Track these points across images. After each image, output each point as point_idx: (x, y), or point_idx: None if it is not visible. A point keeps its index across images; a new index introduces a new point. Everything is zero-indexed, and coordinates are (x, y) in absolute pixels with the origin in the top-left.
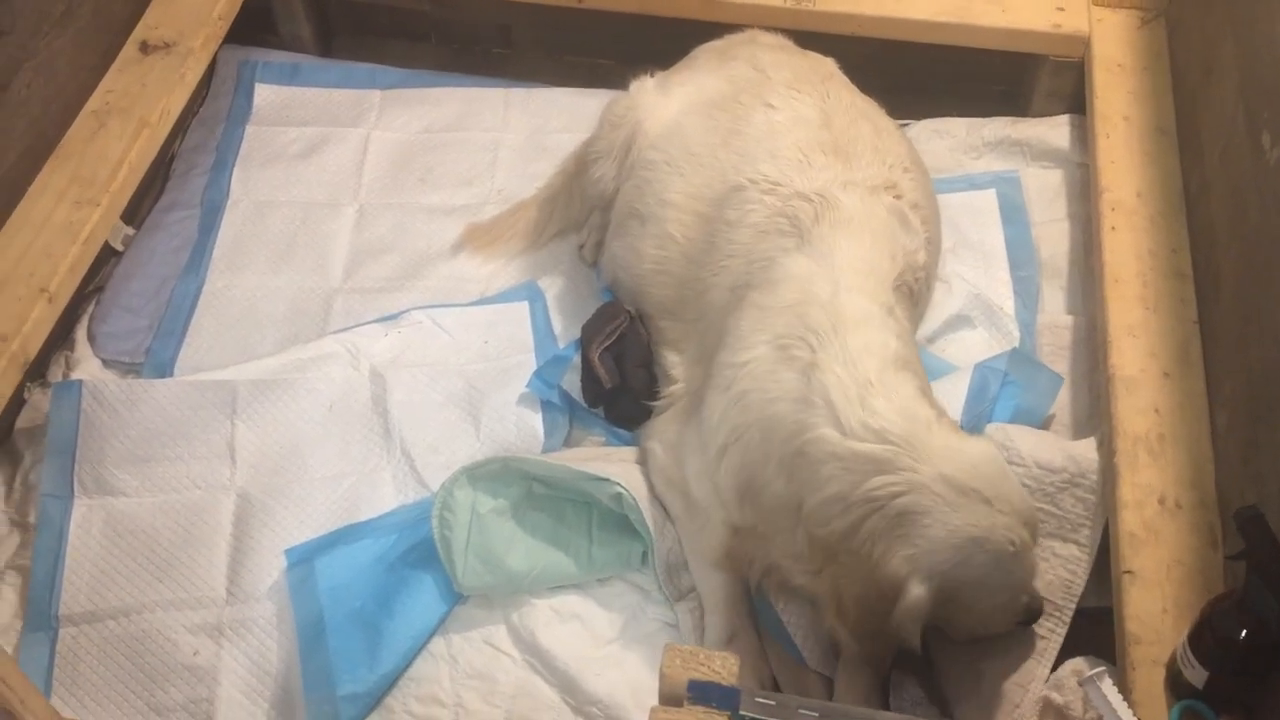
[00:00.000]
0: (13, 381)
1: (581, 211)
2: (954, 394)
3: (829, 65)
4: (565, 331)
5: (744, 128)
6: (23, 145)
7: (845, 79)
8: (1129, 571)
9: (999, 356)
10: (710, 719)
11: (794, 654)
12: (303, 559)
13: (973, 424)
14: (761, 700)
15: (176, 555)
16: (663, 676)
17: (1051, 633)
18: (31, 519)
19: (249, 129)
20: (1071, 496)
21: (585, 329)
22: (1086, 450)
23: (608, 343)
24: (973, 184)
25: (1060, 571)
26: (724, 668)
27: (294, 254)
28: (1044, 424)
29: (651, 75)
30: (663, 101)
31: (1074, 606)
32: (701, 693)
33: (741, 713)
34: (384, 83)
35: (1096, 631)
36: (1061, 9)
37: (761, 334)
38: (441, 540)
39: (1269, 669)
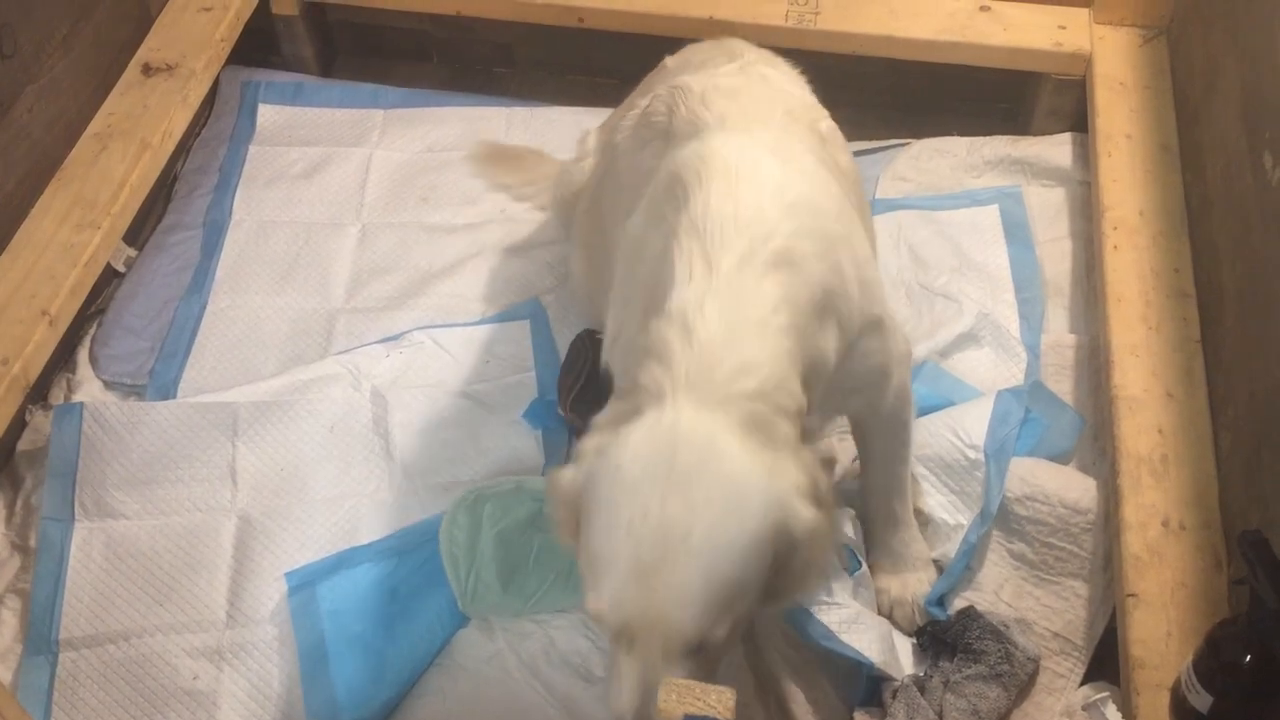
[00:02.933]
0: (14, 404)
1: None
2: (977, 418)
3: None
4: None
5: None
6: (25, 168)
7: (760, 54)
8: (1132, 594)
9: (1018, 391)
10: None
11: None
12: (303, 583)
13: (998, 448)
14: None
15: (177, 578)
16: (658, 711)
17: (1071, 671)
18: (32, 542)
19: (252, 149)
20: (1094, 539)
21: (559, 381)
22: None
23: (576, 389)
24: (975, 200)
25: (1080, 612)
26: (719, 702)
27: (296, 274)
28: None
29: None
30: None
31: (1093, 647)
32: None
33: None
34: (386, 102)
35: (1101, 655)
36: (1063, 27)
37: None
38: (449, 558)
39: (1274, 694)
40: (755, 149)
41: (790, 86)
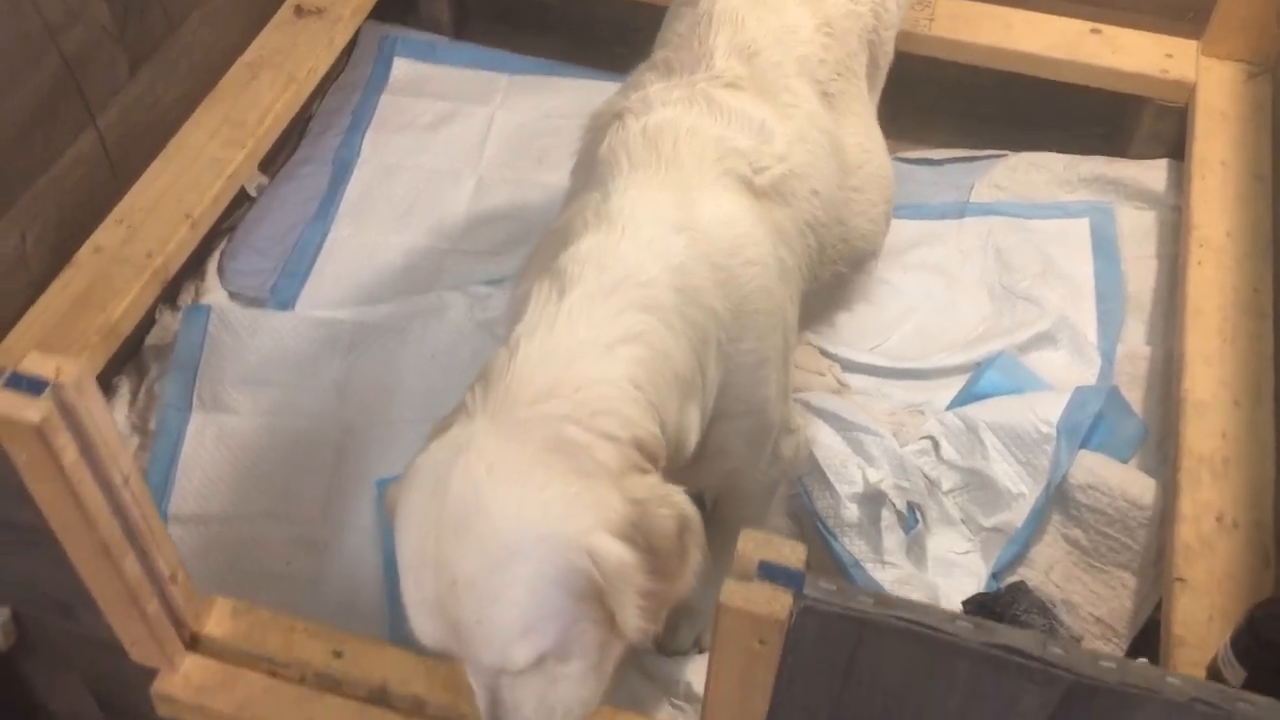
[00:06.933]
0: (153, 293)
1: None
2: (1054, 401)
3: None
4: None
5: None
6: (184, 86)
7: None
8: (1180, 579)
9: (1099, 389)
10: (775, 595)
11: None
12: None
13: (1071, 427)
14: (824, 584)
15: (278, 473)
16: (737, 555)
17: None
18: (151, 426)
19: (384, 97)
20: (1149, 534)
21: None
22: None
23: None
24: (1067, 212)
25: (1125, 601)
26: (793, 554)
27: (414, 214)
28: None
29: None
30: None
31: (1134, 635)
32: (770, 572)
33: (805, 593)
34: (512, 68)
35: (1137, 644)
36: (1170, 55)
37: None
38: None
39: None
40: (658, 206)
41: (735, 127)
